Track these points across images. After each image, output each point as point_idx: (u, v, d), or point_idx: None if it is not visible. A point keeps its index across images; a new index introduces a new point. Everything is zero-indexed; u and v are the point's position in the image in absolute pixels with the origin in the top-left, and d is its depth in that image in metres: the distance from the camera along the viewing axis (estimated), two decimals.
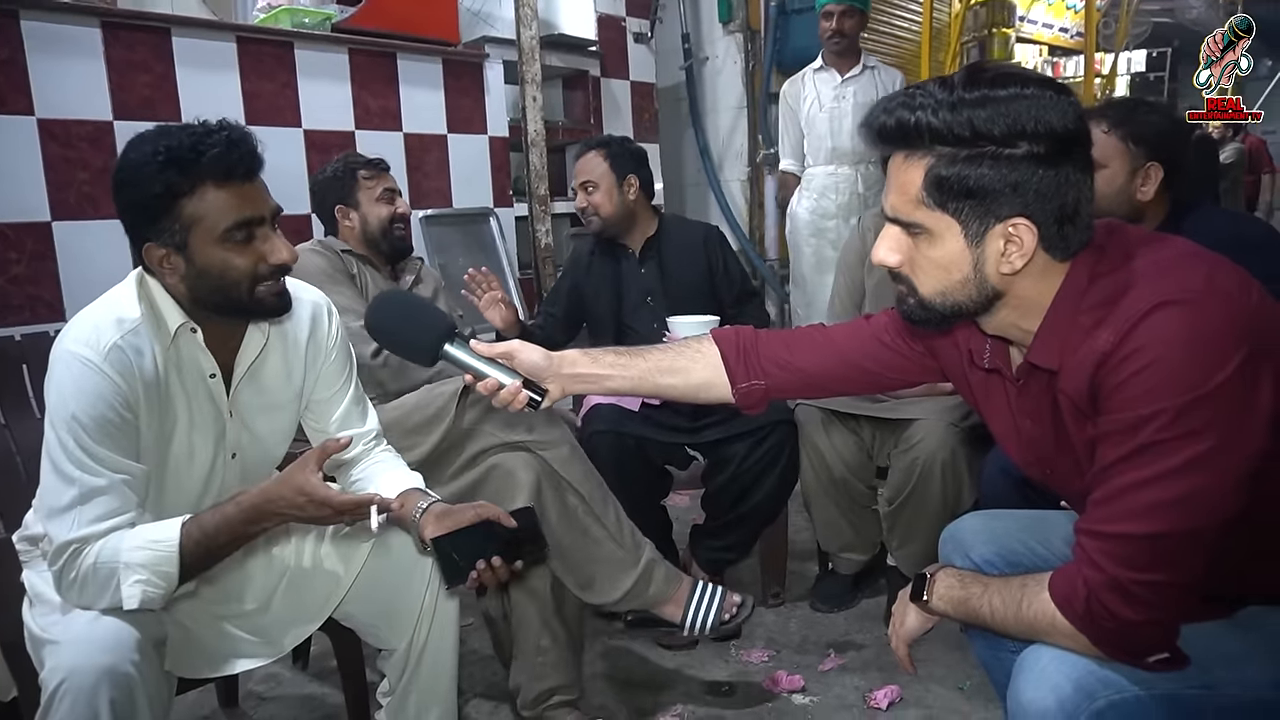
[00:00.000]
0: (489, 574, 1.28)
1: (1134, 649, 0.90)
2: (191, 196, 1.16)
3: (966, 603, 1.03)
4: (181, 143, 1.15)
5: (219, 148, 1.16)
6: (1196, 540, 0.86)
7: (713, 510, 2.16)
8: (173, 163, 1.14)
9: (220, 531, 1.16)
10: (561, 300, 2.40)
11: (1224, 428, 0.83)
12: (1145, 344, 0.84)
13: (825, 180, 3.37)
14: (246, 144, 1.19)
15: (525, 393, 1.19)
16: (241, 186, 1.19)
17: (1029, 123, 0.87)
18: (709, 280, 2.32)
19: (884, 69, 3.43)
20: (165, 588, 1.13)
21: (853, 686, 1.87)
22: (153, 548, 1.12)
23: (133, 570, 1.11)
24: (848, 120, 3.30)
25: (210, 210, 1.17)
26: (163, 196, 1.15)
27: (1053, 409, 0.99)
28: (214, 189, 1.16)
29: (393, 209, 2.09)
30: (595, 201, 2.26)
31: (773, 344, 1.25)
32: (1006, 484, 1.63)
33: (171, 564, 1.13)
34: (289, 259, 1.24)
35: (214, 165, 1.15)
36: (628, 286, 2.32)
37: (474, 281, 2.15)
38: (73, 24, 2.43)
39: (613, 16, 4.07)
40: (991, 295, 0.95)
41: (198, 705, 1.88)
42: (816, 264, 3.40)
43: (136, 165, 1.16)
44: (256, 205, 1.20)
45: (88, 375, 1.14)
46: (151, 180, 1.14)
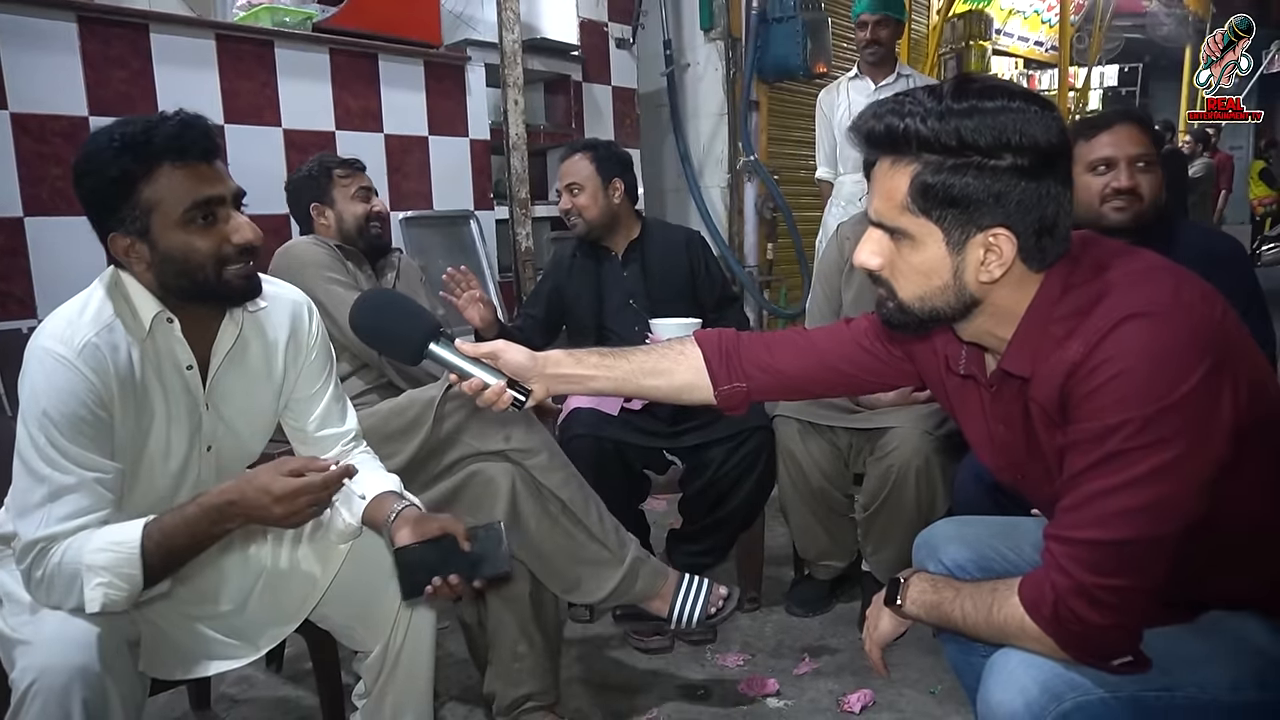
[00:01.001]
0: (445, 589, 1.27)
1: (1099, 652, 0.92)
2: (149, 181, 1.16)
3: (939, 607, 1.05)
4: (135, 127, 1.16)
5: (172, 128, 1.17)
6: (1160, 546, 0.89)
7: (690, 514, 2.17)
8: (127, 148, 1.15)
9: (180, 532, 1.14)
10: (542, 302, 2.40)
11: (1188, 437, 0.85)
12: (1113, 355, 0.86)
13: (853, 189, 3.38)
14: (199, 125, 1.20)
15: (509, 393, 1.20)
16: (198, 167, 1.19)
17: (1014, 135, 0.88)
18: (691, 284, 2.34)
19: (919, 77, 3.43)
20: (129, 590, 1.11)
21: (826, 690, 1.89)
22: (114, 549, 1.11)
23: (95, 573, 1.10)
24: None
25: (168, 193, 1.17)
26: (120, 181, 1.15)
27: (1024, 415, 1.01)
28: (169, 170, 1.16)
29: (368, 206, 2.10)
30: (580, 204, 2.27)
31: (754, 346, 1.27)
32: (979, 490, 1.65)
33: (133, 566, 1.11)
34: (253, 238, 1.23)
35: (167, 145, 1.16)
36: (610, 289, 2.33)
37: (453, 281, 2.15)
38: (48, 18, 2.41)
39: (595, 22, 4.09)
40: (969, 302, 0.97)
41: (169, 707, 1.86)
42: None
43: (93, 154, 1.16)
44: (214, 185, 1.20)
45: (61, 372, 1.13)
46: (108, 165, 1.15)
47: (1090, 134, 1.74)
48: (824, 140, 3.51)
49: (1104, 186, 1.71)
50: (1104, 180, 1.71)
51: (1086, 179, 1.72)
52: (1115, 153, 1.70)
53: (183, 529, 1.14)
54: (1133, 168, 1.70)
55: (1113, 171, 1.70)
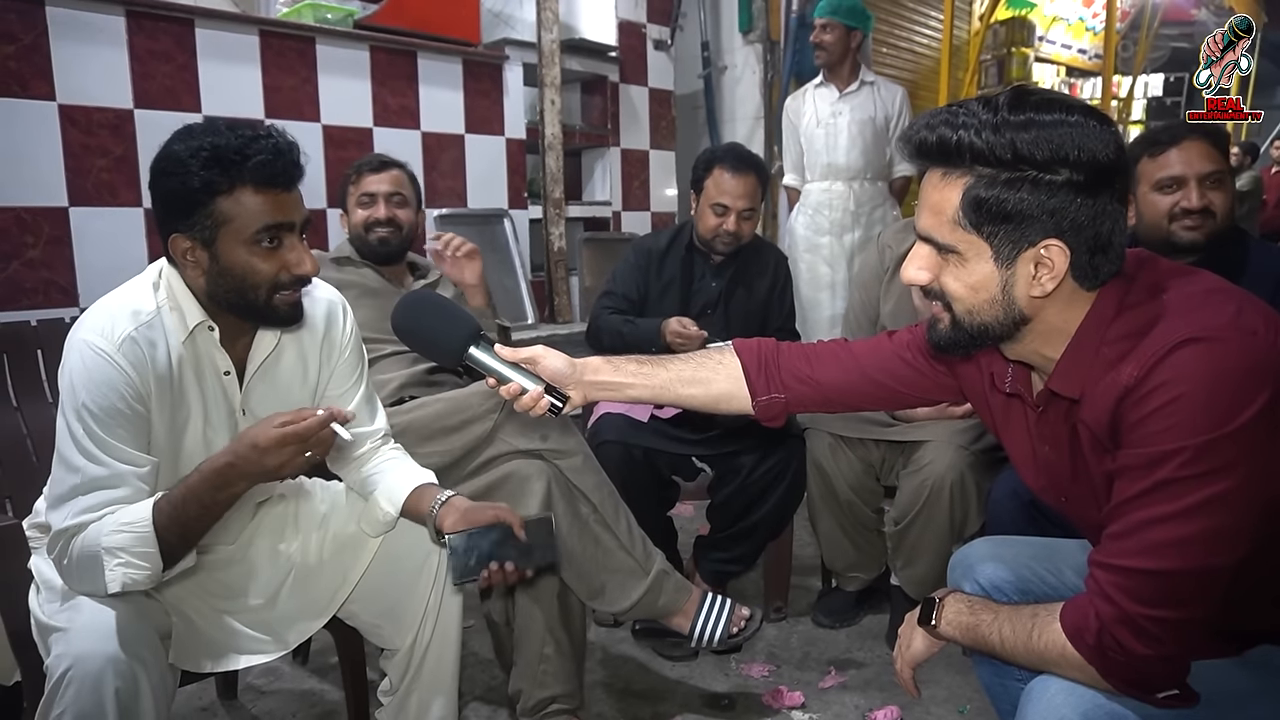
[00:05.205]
0: (499, 576, 1.30)
1: (1144, 684, 0.89)
2: (228, 196, 1.16)
3: (975, 629, 1.03)
4: (229, 143, 1.15)
5: (265, 155, 1.16)
6: (1210, 578, 0.86)
7: (718, 522, 2.16)
8: (217, 161, 1.15)
9: (188, 503, 1.14)
10: (632, 292, 2.29)
11: (1243, 468, 0.83)
12: (1169, 380, 0.84)
13: (820, 196, 3.33)
14: (292, 154, 1.20)
15: (547, 398, 1.20)
16: (279, 194, 1.19)
17: (1072, 150, 0.86)
18: (765, 305, 2.29)
19: (885, 84, 3.36)
20: (149, 568, 1.12)
21: (853, 705, 1.87)
22: (128, 529, 1.11)
23: (113, 554, 1.11)
24: (843, 136, 3.24)
25: (243, 212, 1.17)
26: (200, 191, 1.15)
27: (1071, 437, 0.99)
28: (251, 193, 1.17)
29: (369, 213, 2.01)
30: (746, 230, 2.20)
31: (794, 357, 1.25)
32: (1015, 508, 1.62)
33: (149, 544, 1.11)
34: (311, 271, 1.24)
35: (257, 170, 1.16)
36: (696, 295, 2.28)
37: (441, 244, 2.07)
38: (97, 11, 2.45)
39: (633, 23, 4.08)
40: (1019, 319, 0.94)
41: (196, 696, 1.88)
42: (811, 280, 3.36)
43: (180, 157, 1.16)
44: (288, 213, 1.21)
45: (100, 365, 1.14)
46: (192, 173, 1.14)
47: (1156, 151, 1.68)
48: (790, 147, 3.45)
49: (1173, 205, 1.66)
50: (1173, 199, 1.66)
51: (1154, 197, 1.67)
52: (1185, 170, 1.65)
53: (191, 499, 1.14)
54: (1203, 186, 1.65)
55: (1182, 190, 1.65)
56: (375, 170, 2.06)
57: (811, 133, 3.32)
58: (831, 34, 3.19)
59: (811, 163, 3.36)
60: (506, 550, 1.29)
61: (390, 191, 2.04)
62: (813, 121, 3.32)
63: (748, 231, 2.22)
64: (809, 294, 3.37)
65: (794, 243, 3.42)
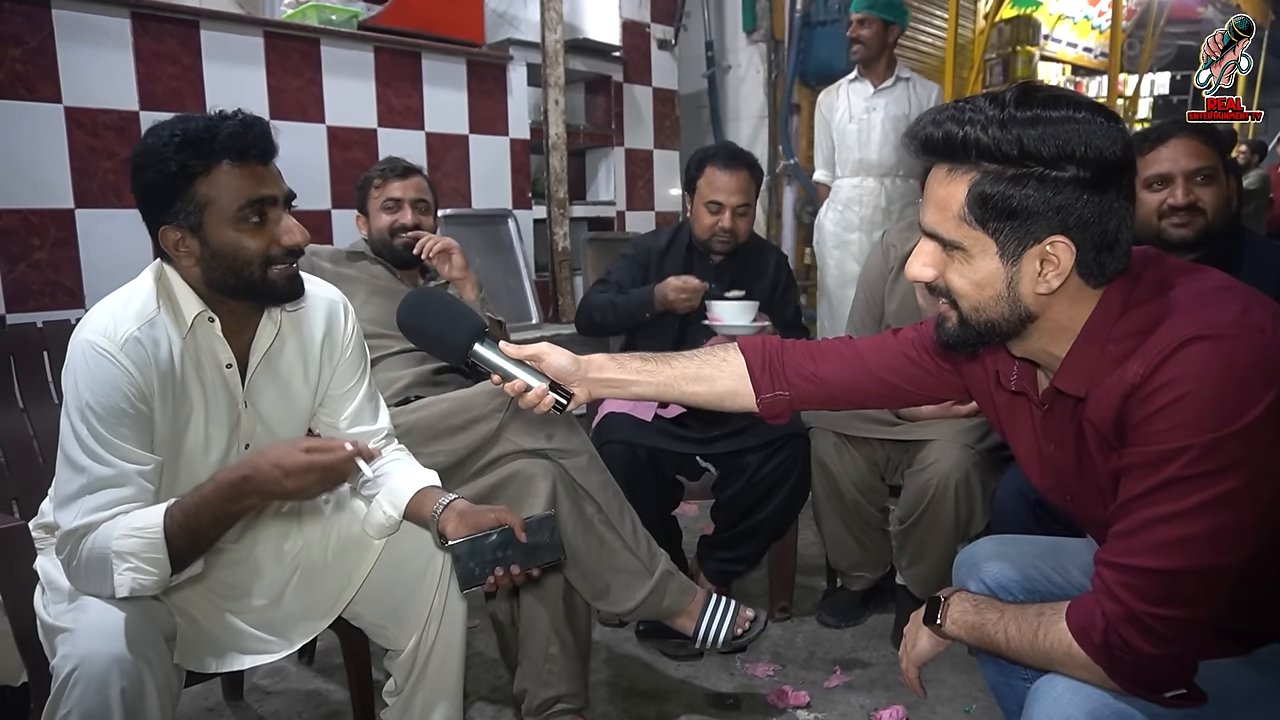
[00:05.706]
0: (505, 579, 1.29)
1: (1150, 683, 0.89)
2: (206, 176, 1.18)
3: (981, 628, 1.03)
4: (197, 126, 1.18)
5: (234, 129, 1.18)
6: (1217, 577, 0.85)
7: (723, 521, 2.15)
8: (189, 143, 1.17)
9: (200, 512, 1.14)
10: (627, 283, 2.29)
11: (1250, 466, 0.82)
12: (1175, 378, 0.83)
13: (850, 192, 3.33)
14: (260, 127, 1.22)
15: (552, 396, 1.20)
16: (255, 168, 1.21)
17: (1079, 147, 0.85)
18: (767, 307, 2.28)
19: (920, 81, 3.35)
20: (158, 574, 1.13)
21: (858, 705, 1.86)
22: (139, 535, 1.12)
23: (122, 559, 1.11)
24: (875, 132, 3.23)
25: (224, 190, 1.19)
26: (178, 176, 1.17)
27: (1077, 435, 0.98)
28: (227, 168, 1.18)
29: (393, 218, 2.04)
30: (743, 228, 2.19)
31: (798, 355, 1.25)
32: (1021, 507, 1.61)
33: (159, 550, 1.12)
34: (301, 240, 1.25)
35: (228, 145, 1.18)
36: None
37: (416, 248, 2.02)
38: (103, 14, 2.45)
39: (637, 22, 4.08)
40: (1025, 316, 0.94)
41: (202, 696, 1.89)
42: (840, 276, 3.36)
43: (154, 148, 1.18)
44: (269, 185, 1.22)
45: (103, 365, 1.14)
46: (168, 160, 1.16)
47: (1146, 148, 1.69)
48: (823, 143, 3.44)
49: (1160, 203, 1.66)
50: (1160, 196, 1.66)
51: (1143, 195, 1.67)
52: (1171, 168, 1.65)
53: (203, 509, 1.14)
54: (1190, 182, 1.64)
55: (1169, 187, 1.65)
56: (400, 176, 2.08)
57: (844, 128, 3.31)
58: (869, 29, 3.17)
59: (843, 158, 3.34)
60: (510, 553, 1.29)
61: (416, 198, 2.08)
62: (845, 116, 3.30)
63: (743, 229, 2.22)
64: (838, 290, 3.37)
65: (823, 239, 3.42)
